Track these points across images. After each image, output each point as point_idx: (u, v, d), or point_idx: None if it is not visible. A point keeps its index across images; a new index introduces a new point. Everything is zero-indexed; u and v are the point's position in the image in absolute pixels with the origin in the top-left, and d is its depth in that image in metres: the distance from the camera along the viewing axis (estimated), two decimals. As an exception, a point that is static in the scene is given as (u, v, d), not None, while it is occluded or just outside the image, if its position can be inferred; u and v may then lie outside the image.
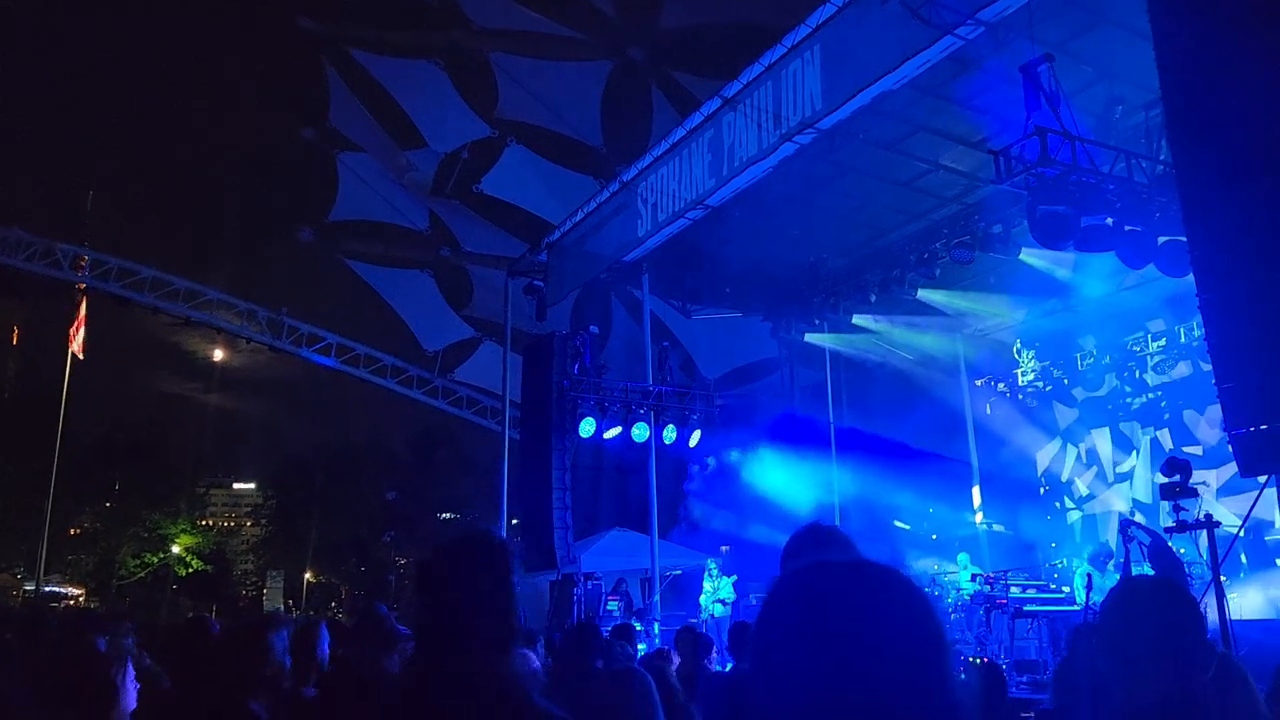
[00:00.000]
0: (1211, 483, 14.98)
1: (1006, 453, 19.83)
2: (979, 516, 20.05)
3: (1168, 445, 16.97)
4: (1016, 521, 19.18)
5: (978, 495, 20.28)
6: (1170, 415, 17.35)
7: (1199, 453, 15.71)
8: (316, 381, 35.35)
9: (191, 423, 48.12)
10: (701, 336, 23.52)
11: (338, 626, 6.53)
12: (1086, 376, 18.73)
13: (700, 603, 16.94)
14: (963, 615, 13.92)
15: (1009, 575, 14.73)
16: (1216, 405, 7.84)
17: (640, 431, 17.90)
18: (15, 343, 41.83)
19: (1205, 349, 8.75)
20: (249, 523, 64.83)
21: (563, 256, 18.99)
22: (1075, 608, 12.67)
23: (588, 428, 17.55)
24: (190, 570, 44.44)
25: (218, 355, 37.41)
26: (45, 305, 31.17)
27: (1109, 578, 11.83)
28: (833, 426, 19.91)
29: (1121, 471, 18.41)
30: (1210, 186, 7.84)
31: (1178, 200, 8.50)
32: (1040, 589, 14.48)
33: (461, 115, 24.36)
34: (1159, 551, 10.22)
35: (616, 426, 17.84)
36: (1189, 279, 8.59)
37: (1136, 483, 17.98)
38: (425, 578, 2.24)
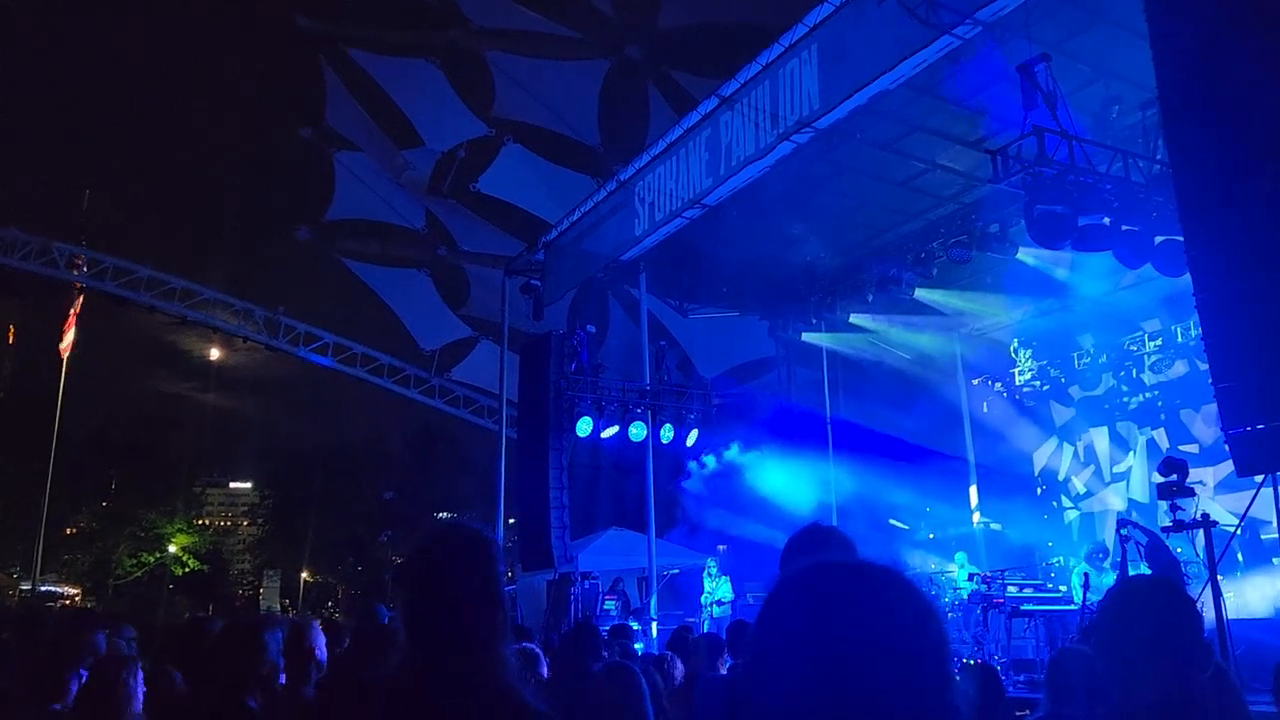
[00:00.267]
0: (1209, 481, 15.01)
1: (1003, 452, 19.86)
2: (976, 516, 20.07)
3: (1164, 444, 17.00)
4: (1013, 520, 19.20)
5: (975, 494, 20.31)
6: (1167, 414, 17.38)
7: (1195, 451, 15.74)
8: (313, 381, 35.41)
9: (188, 422, 48.07)
10: (699, 336, 23.52)
11: (334, 626, 6.54)
12: (1083, 376, 18.74)
13: (701, 602, 16.96)
14: (960, 615, 13.94)
15: (1006, 574, 14.75)
16: (1213, 404, 7.85)
17: (637, 431, 17.89)
18: (11, 342, 41.78)
19: (1202, 348, 8.76)
20: (245, 522, 64.87)
21: (560, 256, 18.98)
22: (1072, 607, 12.69)
23: (585, 427, 17.54)
24: (187, 570, 44.43)
25: (214, 354, 37.39)
26: (42, 304, 31.13)
27: (1106, 577, 11.85)
28: (830, 426, 19.92)
29: (1118, 471, 18.43)
30: (1207, 186, 7.85)
31: (1174, 200, 8.51)
32: (1037, 588, 14.50)
33: (458, 114, 24.35)
34: (1156, 551, 10.24)
35: (614, 426, 17.84)
36: (1186, 278, 8.60)
37: (1133, 482, 18.00)
38: (408, 576, 2.20)
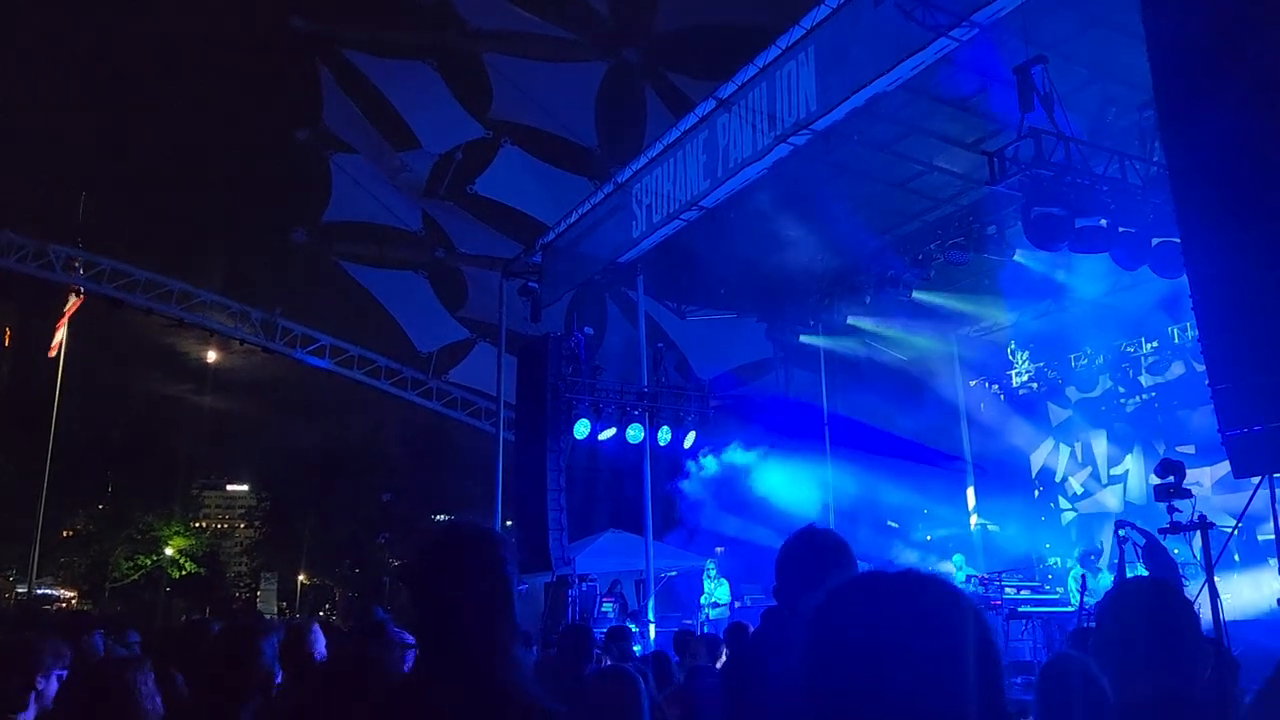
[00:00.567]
0: (1205, 481, 15.02)
1: (1001, 453, 19.88)
2: (974, 519, 20.09)
3: (1161, 445, 17.02)
4: (1011, 522, 19.22)
5: (972, 496, 20.32)
6: (1164, 415, 17.40)
7: (1191, 451, 15.75)
8: (311, 383, 35.31)
9: (185, 424, 47.94)
10: (696, 337, 23.52)
11: (332, 629, 6.52)
12: (1081, 377, 18.77)
13: (701, 603, 16.95)
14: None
15: (1003, 576, 14.77)
16: (1210, 405, 7.85)
17: (635, 433, 17.88)
18: (8, 345, 41.74)
19: (1199, 350, 8.77)
20: (243, 525, 64.76)
21: (557, 258, 18.98)
22: (1069, 609, 12.70)
23: (582, 429, 17.53)
24: (184, 572, 44.35)
25: (211, 357, 37.34)
26: (38, 307, 31.10)
27: (1103, 578, 11.86)
28: (828, 428, 19.93)
29: (1115, 473, 18.45)
30: (1204, 188, 7.85)
31: (1171, 201, 8.52)
32: (1034, 590, 14.52)
33: (455, 116, 24.34)
34: (1154, 552, 10.24)
35: (611, 428, 17.82)
36: (1183, 280, 8.61)
37: (1130, 483, 18.02)
38: (416, 576, 2.18)
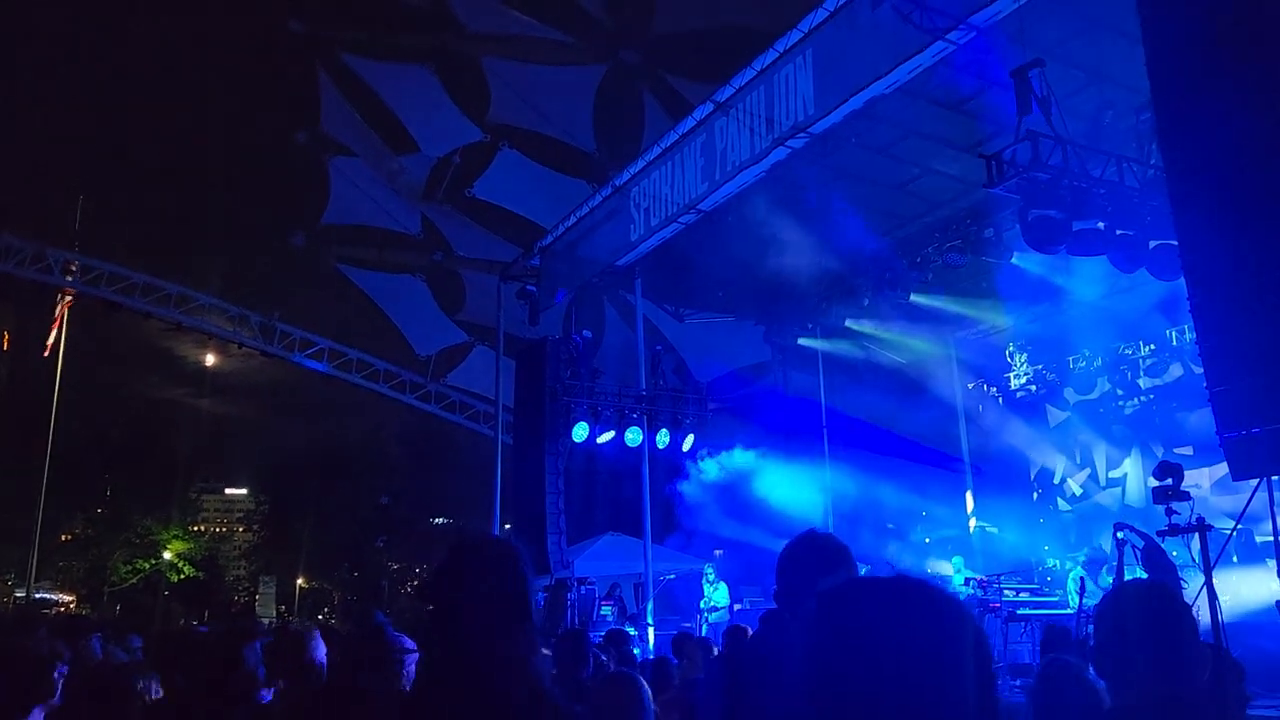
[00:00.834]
0: (1204, 483, 15.03)
1: (999, 455, 19.89)
2: (972, 522, 20.09)
3: (1159, 447, 17.02)
4: (1009, 524, 19.22)
5: (970, 498, 20.33)
6: (1162, 418, 17.40)
7: (1190, 453, 15.76)
8: (309, 386, 35.28)
9: (183, 428, 47.87)
10: (694, 340, 23.51)
11: (331, 632, 6.51)
12: (1079, 379, 18.78)
13: (700, 607, 16.95)
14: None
15: (1002, 579, 14.76)
16: (1208, 407, 7.85)
17: (634, 436, 17.88)
18: (6, 348, 41.67)
19: (1197, 352, 8.78)
20: (241, 528, 64.65)
21: (555, 261, 18.98)
22: (1069, 611, 12.70)
23: (581, 432, 17.53)
24: (182, 576, 44.29)
25: (209, 360, 37.28)
26: (36, 311, 31.03)
27: (1103, 581, 11.87)
28: (826, 431, 19.93)
29: (1114, 476, 18.46)
30: (1201, 190, 7.87)
31: (1169, 204, 8.53)
32: (1033, 592, 14.52)
33: (454, 120, 24.32)
34: (1152, 555, 10.25)
35: (610, 431, 17.83)
36: (1181, 282, 8.62)
37: (1129, 485, 18.03)
38: (437, 588, 2.22)
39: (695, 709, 5.30)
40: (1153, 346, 17.28)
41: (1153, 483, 10.04)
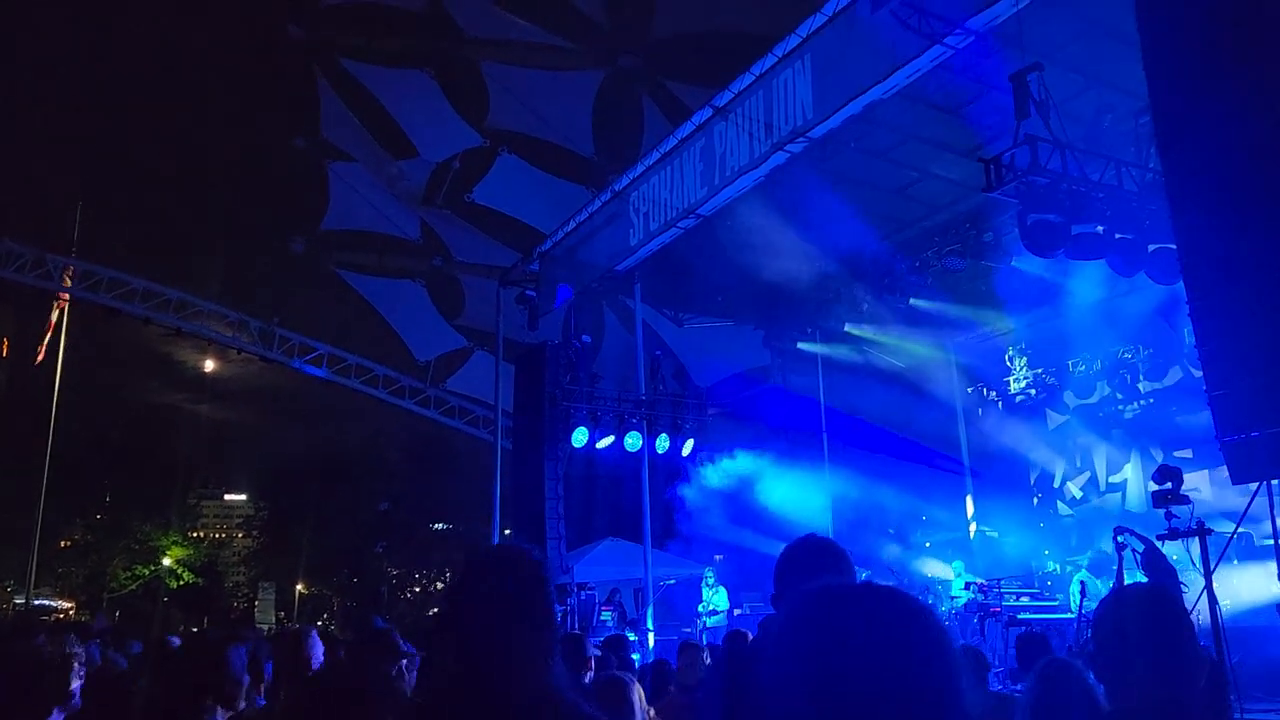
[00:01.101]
0: (1203, 486, 15.01)
1: (999, 459, 19.88)
2: (972, 527, 20.09)
3: (1159, 451, 17.02)
4: (1009, 528, 19.21)
5: (970, 502, 20.32)
6: (1162, 421, 17.40)
7: (1189, 456, 15.75)
8: (308, 392, 35.25)
9: (183, 434, 47.86)
10: (694, 345, 23.51)
11: (330, 637, 6.51)
12: (1078, 383, 18.78)
13: (699, 611, 16.93)
14: (956, 623, 13.95)
15: (1002, 583, 14.76)
16: (1207, 410, 7.85)
17: (633, 441, 17.87)
18: (5, 354, 41.68)
19: (1196, 356, 8.78)
20: (240, 534, 64.59)
21: (555, 266, 18.99)
22: (1069, 615, 12.69)
23: (580, 437, 17.52)
24: (181, 582, 44.26)
25: (209, 366, 37.29)
26: (36, 316, 31.05)
27: (1103, 585, 11.86)
28: (826, 435, 19.93)
29: (1114, 480, 18.45)
30: (1199, 193, 7.87)
31: (1167, 207, 8.53)
32: (1034, 596, 14.52)
33: (453, 125, 24.33)
34: (1152, 558, 10.23)
35: (609, 436, 17.82)
36: (1180, 285, 8.62)
37: (1129, 489, 18.02)
38: (460, 597, 2.25)
39: (696, 713, 5.30)
40: (1152, 350, 17.28)
41: (1152, 486, 10.04)
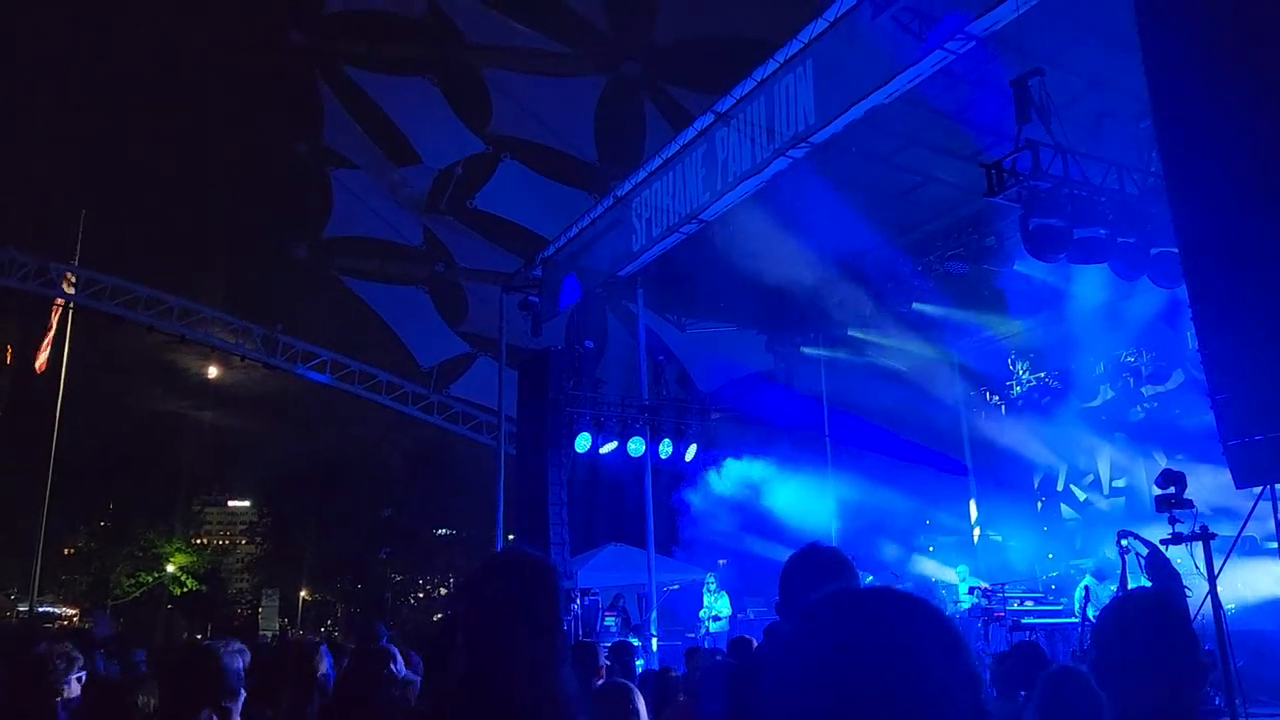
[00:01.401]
0: (1206, 483, 14.96)
1: (1002, 463, 19.84)
2: (976, 532, 20.06)
3: (1162, 455, 16.97)
4: (1013, 533, 19.18)
5: (974, 507, 20.29)
6: (1165, 425, 17.37)
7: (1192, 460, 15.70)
8: (312, 398, 35.34)
9: (186, 440, 47.95)
10: (697, 350, 23.52)
11: (335, 645, 6.52)
12: (1081, 386, 18.76)
13: (699, 617, 16.91)
14: (960, 628, 13.91)
15: (1006, 587, 14.73)
16: (1210, 414, 7.83)
17: (636, 446, 17.88)
18: (9, 363, 41.76)
19: (1199, 359, 8.77)
20: (244, 541, 64.59)
21: (558, 272, 19.01)
22: (1074, 620, 12.67)
23: (584, 442, 17.53)
24: (185, 590, 44.26)
25: (212, 373, 37.43)
26: (40, 324, 31.14)
27: (1106, 590, 11.84)
28: (829, 440, 19.92)
29: (1118, 486, 18.42)
30: (1201, 197, 7.87)
31: (1169, 211, 8.53)
32: (1038, 601, 14.48)
33: (456, 131, 24.38)
34: (1156, 563, 10.23)
35: (612, 441, 17.83)
36: (1183, 289, 8.62)
37: (1132, 493, 17.98)
38: (469, 603, 2.26)
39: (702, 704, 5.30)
40: (1155, 354, 17.26)
41: (1155, 491, 10.03)
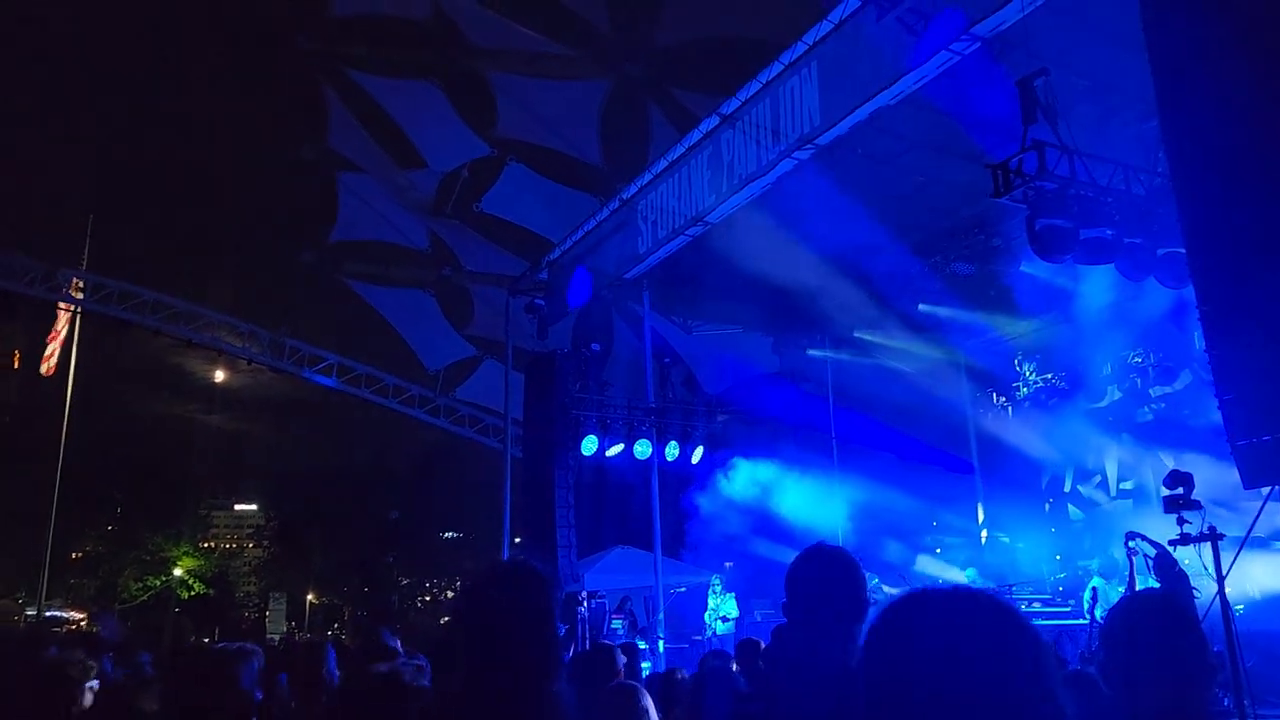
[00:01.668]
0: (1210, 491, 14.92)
1: (1009, 465, 19.81)
2: (984, 534, 20.02)
3: (1169, 456, 16.93)
4: (1021, 534, 19.15)
5: (981, 508, 20.26)
6: (1172, 425, 17.33)
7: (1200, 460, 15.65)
8: (318, 402, 35.39)
9: (193, 444, 48.08)
10: (703, 352, 23.51)
11: (342, 648, 6.51)
12: (1089, 388, 18.72)
13: (704, 619, 16.90)
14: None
15: (1014, 589, 14.71)
16: (1218, 414, 7.81)
17: (643, 448, 17.89)
18: (17, 366, 41.90)
19: (1206, 360, 8.75)
20: (251, 544, 64.67)
21: (563, 274, 19.02)
22: (1082, 621, 12.64)
23: (590, 445, 17.54)
24: (192, 593, 44.33)
25: (219, 376, 37.50)
26: (47, 329, 31.24)
27: (1114, 591, 11.81)
28: (835, 441, 19.90)
29: (1125, 486, 18.37)
30: (1208, 198, 7.85)
31: (1176, 212, 8.51)
32: (1045, 602, 14.46)
33: (461, 135, 24.41)
34: (1164, 564, 10.20)
35: (619, 444, 17.83)
36: (1189, 290, 8.60)
37: (1139, 494, 17.94)
38: (467, 613, 2.30)
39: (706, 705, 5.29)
40: (1162, 354, 17.23)
41: (1164, 491, 10.00)
